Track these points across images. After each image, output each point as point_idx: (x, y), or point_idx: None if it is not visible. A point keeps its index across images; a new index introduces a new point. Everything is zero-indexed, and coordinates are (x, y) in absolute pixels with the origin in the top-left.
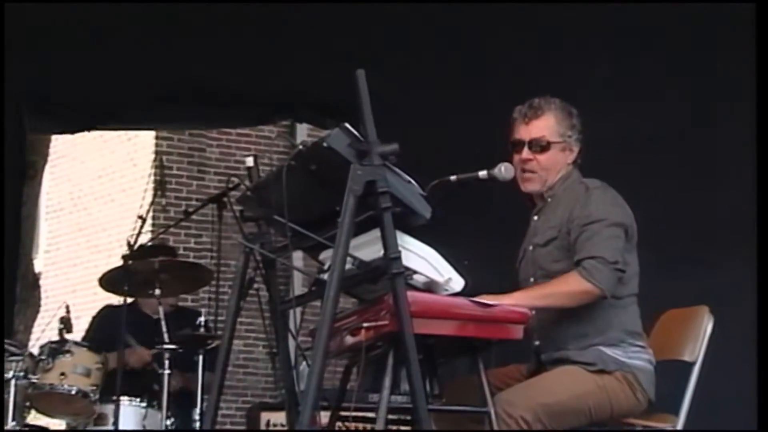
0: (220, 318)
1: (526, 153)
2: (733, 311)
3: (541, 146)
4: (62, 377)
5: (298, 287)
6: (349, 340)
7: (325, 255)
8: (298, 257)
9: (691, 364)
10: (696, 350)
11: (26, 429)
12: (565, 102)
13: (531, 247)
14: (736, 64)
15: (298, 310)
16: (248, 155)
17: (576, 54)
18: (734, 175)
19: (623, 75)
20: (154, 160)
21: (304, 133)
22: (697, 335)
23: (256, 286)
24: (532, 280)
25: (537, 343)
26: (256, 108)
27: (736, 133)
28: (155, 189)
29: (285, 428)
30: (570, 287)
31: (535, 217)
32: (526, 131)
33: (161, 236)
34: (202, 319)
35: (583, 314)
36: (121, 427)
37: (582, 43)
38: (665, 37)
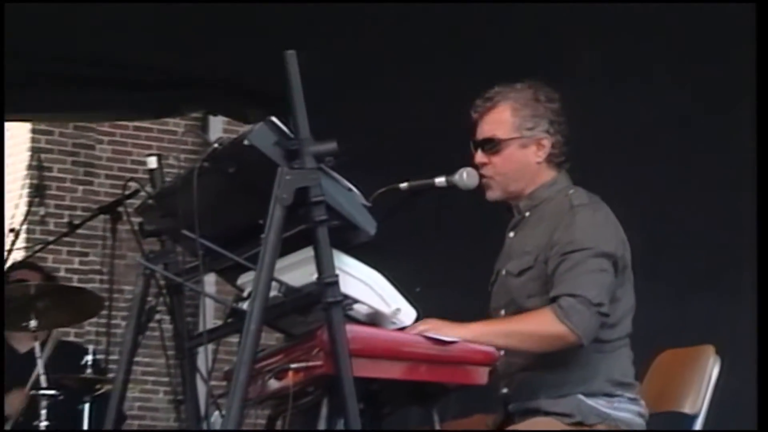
0: (111, 357)
1: (478, 155)
2: (746, 352)
3: (491, 146)
4: None
5: (211, 319)
6: (274, 384)
7: (245, 279)
8: (210, 282)
9: (693, 417)
10: (699, 400)
11: None
12: (538, 84)
13: (504, 272)
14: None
15: (210, 347)
16: (150, 154)
17: (559, 46)
18: (748, 186)
19: (618, 72)
20: (31, 159)
21: (219, 127)
22: (701, 381)
23: (158, 316)
24: (502, 312)
25: (505, 390)
26: (158, 94)
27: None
28: (31, 195)
29: None
30: (540, 327)
31: (511, 234)
32: (480, 129)
33: (38, 254)
34: (89, 357)
35: (561, 359)
36: None
37: (566, 36)
38: (664, 35)
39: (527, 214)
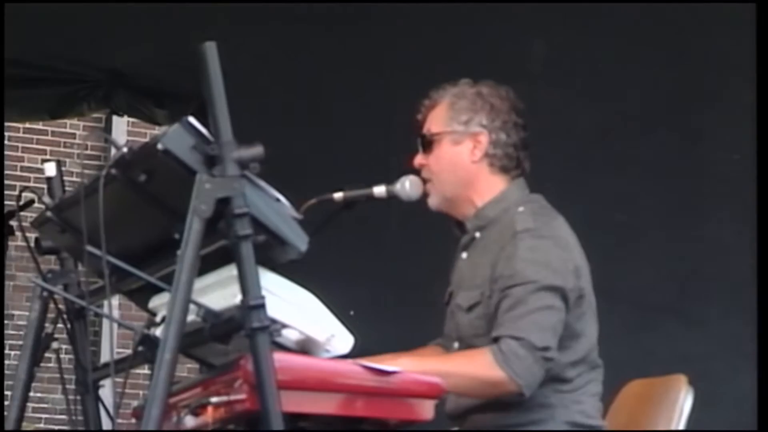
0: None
1: (417, 157)
2: (722, 382)
3: (425, 143)
4: None
5: (117, 347)
6: (191, 422)
7: (158, 302)
8: (116, 305)
9: None
10: None
11: None
12: (489, 81)
13: (456, 300)
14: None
15: (118, 379)
16: (47, 160)
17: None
18: (726, 200)
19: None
20: None
21: (123, 128)
22: (671, 415)
23: (55, 345)
24: (456, 344)
25: (455, 430)
26: (52, 91)
27: (731, 146)
28: None
29: None
30: (476, 371)
31: (464, 254)
32: (423, 129)
33: None
34: None
35: (514, 400)
36: None
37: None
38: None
39: (477, 235)
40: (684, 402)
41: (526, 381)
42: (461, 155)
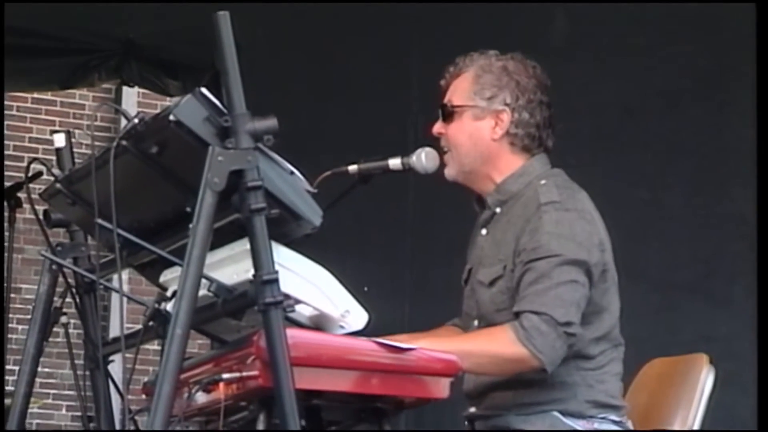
0: (10, 366)
1: (437, 125)
2: (745, 362)
3: (445, 114)
4: None
5: (127, 322)
6: (202, 398)
7: (169, 276)
8: (126, 279)
9: None
10: (690, 416)
11: None
12: (517, 56)
13: (477, 278)
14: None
15: (128, 354)
16: (57, 131)
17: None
18: (752, 178)
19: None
20: None
21: (133, 100)
22: (692, 395)
23: (64, 319)
24: (475, 323)
25: (472, 410)
26: (59, 60)
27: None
28: None
29: None
30: (498, 349)
31: (483, 231)
32: (444, 97)
33: None
34: None
35: (536, 377)
36: None
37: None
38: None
39: (498, 210)
40: (705, 381)
41: (549, 357)
42: (481, 131)
